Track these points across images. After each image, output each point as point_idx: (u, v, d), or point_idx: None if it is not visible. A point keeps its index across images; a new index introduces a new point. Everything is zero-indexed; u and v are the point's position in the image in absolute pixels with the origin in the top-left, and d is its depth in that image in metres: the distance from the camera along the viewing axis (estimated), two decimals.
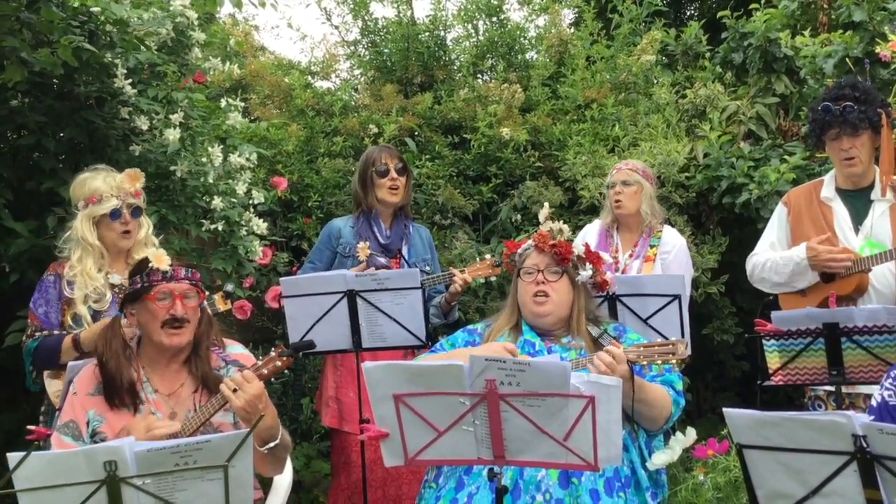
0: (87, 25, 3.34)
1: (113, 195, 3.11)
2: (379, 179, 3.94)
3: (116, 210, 3.11)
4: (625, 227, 4.08)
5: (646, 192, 4.00)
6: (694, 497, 3.02)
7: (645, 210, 3.99)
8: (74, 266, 3.10)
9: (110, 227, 3.14)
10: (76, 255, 3.11)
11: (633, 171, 4.02)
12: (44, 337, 3.06)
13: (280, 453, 2.63)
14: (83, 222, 3.11)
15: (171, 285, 2.59)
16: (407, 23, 6.33)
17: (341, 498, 3.89)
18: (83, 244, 3.10)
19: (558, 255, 2.93)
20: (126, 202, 3.13)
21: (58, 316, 3.09)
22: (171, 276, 2.59)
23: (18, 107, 3.49)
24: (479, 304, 5.00)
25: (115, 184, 3.12)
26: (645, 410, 2.69)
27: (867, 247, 3.34)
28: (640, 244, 4.02)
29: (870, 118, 3.29)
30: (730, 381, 5.56)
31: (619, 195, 3.99)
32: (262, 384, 2.48)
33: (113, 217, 3.12)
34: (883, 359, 2.76)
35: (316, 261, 4.03)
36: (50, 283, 3.12)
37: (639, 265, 3.96)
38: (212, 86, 5.00)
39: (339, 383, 3.93)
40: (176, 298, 2.58)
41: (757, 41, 5.20)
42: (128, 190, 3.14)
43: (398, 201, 3.97)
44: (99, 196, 3.10)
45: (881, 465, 1.74)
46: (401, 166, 3.98)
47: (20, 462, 1.93)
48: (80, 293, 3.07)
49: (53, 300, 3.10)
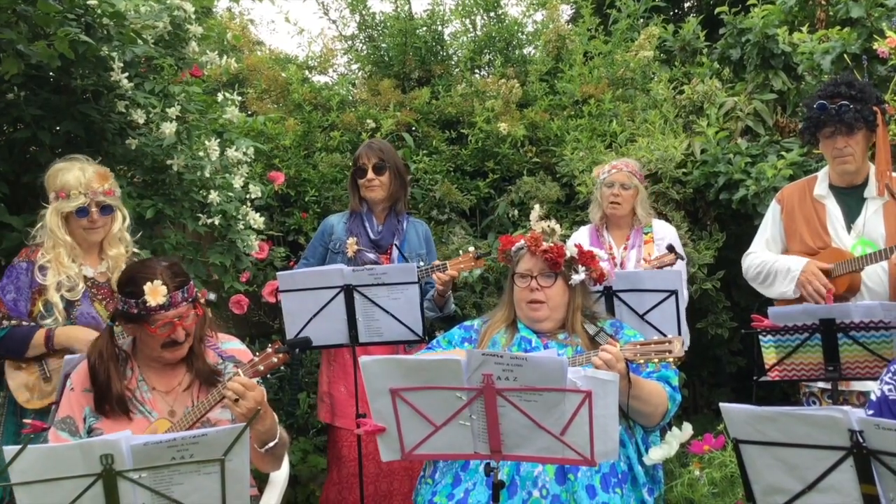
0: (84, 18, 3.33)
1: (81, 192, 3.02)
2: (359, 179, 3.95)
3: (83, 208, 3.04)
4: (614, 226, 4.14)
5: (641, 195, 4.09)
6: (690, 492, 3.02)
7: (640, 212, 4.09)
8: (48, 251, 3.05)
9: (78, 224, 3.08)
10: (49, 242, 3.06)
11: (633, 174, 4.08)
12: (12, 326, 2.99)
13: (279, 451, 2.64)
14: (52, 216, 3.05)
15: (170, 313, 2.52)
16: (404, 18, 6.32)
17: (332, 492, 3.90)
18: (53, 236, 3.05)
19: (550, 261, 2.91)
20: (94, 200, 3.05)
21: (27, 305, 3.03)
22: (169, 304, 2.51)
23: (14, 100, 3.47)
24: (475, 300, 5.00)
25: (84, 181, 3.03)
26: (641, 407, 2.69)
27: (860, 245, 3.34)
28: (633, 236, 4.08)
29: (865, 117, 3.28)
30: (726, 377, 5.57)
31: (618, 197, 4.03)
32: (263, 390, 2.49)
33: (79, 215, 3.05)
34: (879, 355, 2.76)
35: (309, 257, 4.05)
36: (22, 269, 3.06)
37: (636, 254, 3.99)
38: (209, 80, 4.98)
39: (331, 378, 3.94)
40: (177, 325, 2.54)
41: (755, 37, 5.20)
42: (96, 189, 3.05)
43: (377, 197, 3.95)
44: (67, 192, 3.02)
45: (877, 460, 1.75)
46: (379, 164, 3.92)
47: (16, 455, 1.93)
48: (53, 280, 3.01)
49: (24, 287, 3.03)
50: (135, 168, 3.82)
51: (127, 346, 2.68)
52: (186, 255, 3.87)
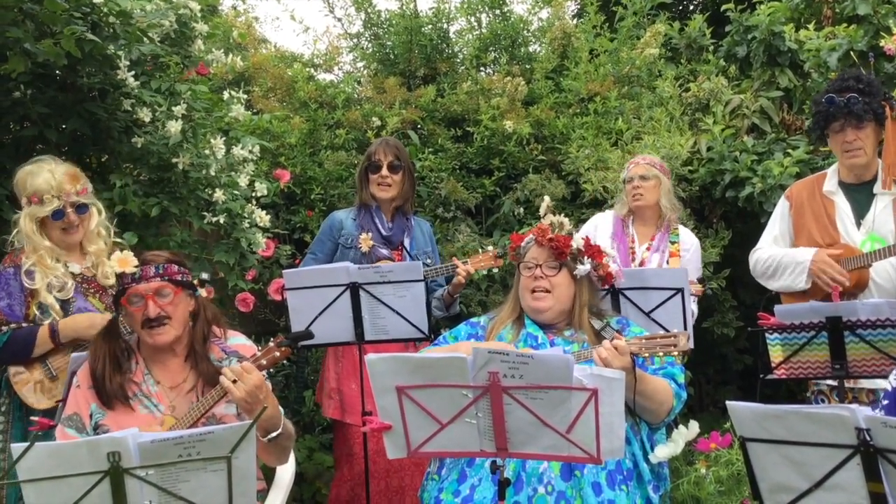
0: (91, 17, 3.33)
1: (54, 196, 2.97)
2: (371, 175, 3.95)
3: (59, 211, 3.00)
4: (640, 220, 4.12)
5: (664, 186, 4.07)
6: (696, 490, 3.02)
7: (664, 204, 4.06)
8: (30, 256, 3.01)
9: (53, 226, 3.03)
10: (29, 247, 3.02)
11: (651, 165, 4.08)
12: (12, 330, 2.96)
13: (284, 443, 2.62)
14: (26, 221, 2.99)
15: (141, 286, 2.54)
16: (410, 15, 6.32)
17: (344, 489, 3.90)
18: (31, 242, 3.01)
19: (556, 249, 2.92)
20: (69, 201, 3.01)
21: (22, 308, 2.99)
22: (139, 276, 2.54)
23: (21, 98, 3.48)
24: (481, 298, 5.00)
25: (55, 183, 2.98)
26: (646, 403, 2.69)
27: (869, 241, 3.33)
28: (658, 238, 4.05)
29: (874, 110, 3.29)
30: (732, 375, 5.56)
31: (639, 188, 4.03)
32: (261, 374, 2.47)
33: (55, 217, 3.01)
34: (886, 353, 2.76)
35: (317, 252, 4.03)
36: (10, 274, 3.01)
37: (659, 259, 3.97)
38: (214, 78, 4.98)
39: (340, 375, 3.94)
40: (147, 299, 2.54)
41: (761, 34, 5.18)
42: (69, 190, 3.01)
43: (389, 197, 3.95)
44: (40, 196, 2.96)
45: (884, 458, 1.74)
46: (395, 163, 3.94)
47: (23, 453, 1.93)
48: (42, 282, 2.99)
49: (16, 292, 3.00)
50: (141, 166, 3.82)
51: (133, 341, 2.69)
52: (192, 253, 3.88)
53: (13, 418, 3.08)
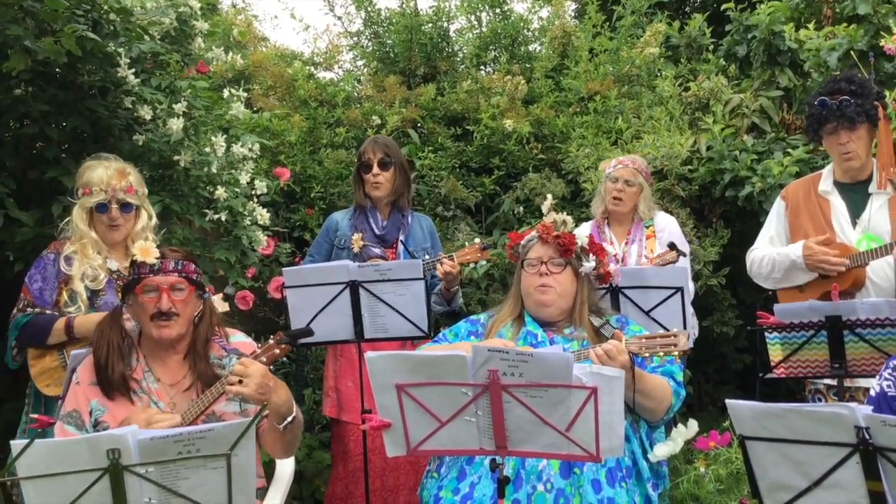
0: (91, 14, 3.33)
1: (102, 189, 3.12)
2: (364, 175, 3.95)
3: (103, 204, 3.13)
4: (616, 222, 4.17)
5: (645, 193, 4.11)
6: (695, 489, 3.02)
7: (642, 209, 4.11)
8: (74, 243, 3.13)
9: (99, 220, 3.16)
10: (76, 235, 3.14)
11: (638, 171, 4.10)
12: (35, 313, 3.07)
13: (296, 430, 2.62)
14: (77, 210, 3.15)
15: (158, 279, 2.57)
16: (410, 14, 6.32)
17: (339, 486, 3.90)
18: (79, 231, 3.14)
19: (561, 247, 2.93)
20: (115, 197, 3.13)
21: (52, 294, 3.10)
22: (158, 268, 2.57)
23: (22, 96, 3.48)
24: (480, 296, 5.00)
25: (105, 178, 3.12)
26: (645, 401, 2.69)
27: (864, 240, 3.34)
28: (634, 230, 4.11)
29: (867, 111, 3.29)
30: (731, 374, 5.56)
31: (621, 193, 4.05)
32: (261, 364, 2.47)
33: (100, 210, 3.14)
34: (885, 352, 2.76)
35: (315, 254, 4.05)
36: (49, 260, 3.13)
37: (637, 249, 4.00)
38: (214, 76, 4.98)
39: (338, 373, 3.94)
40: (163, 292, 2.56)
41: (761, 34, 5.19)
42: (115, 186, 3.13)
43: (382, 195, 3.95)
44: (90, 188, 3.12)
45: (884, 456, 1.74)
46: (385, 160, 3.92)
47: (23, 450, 1.94)
48: (78, 270, 3.09)
49: (51, 277, 3.11)
50: (141, 164, 3.82)
51: (134, 335, 2.70)
52: (193, 250, 3.88)
53: (34, 401, 3.17)
